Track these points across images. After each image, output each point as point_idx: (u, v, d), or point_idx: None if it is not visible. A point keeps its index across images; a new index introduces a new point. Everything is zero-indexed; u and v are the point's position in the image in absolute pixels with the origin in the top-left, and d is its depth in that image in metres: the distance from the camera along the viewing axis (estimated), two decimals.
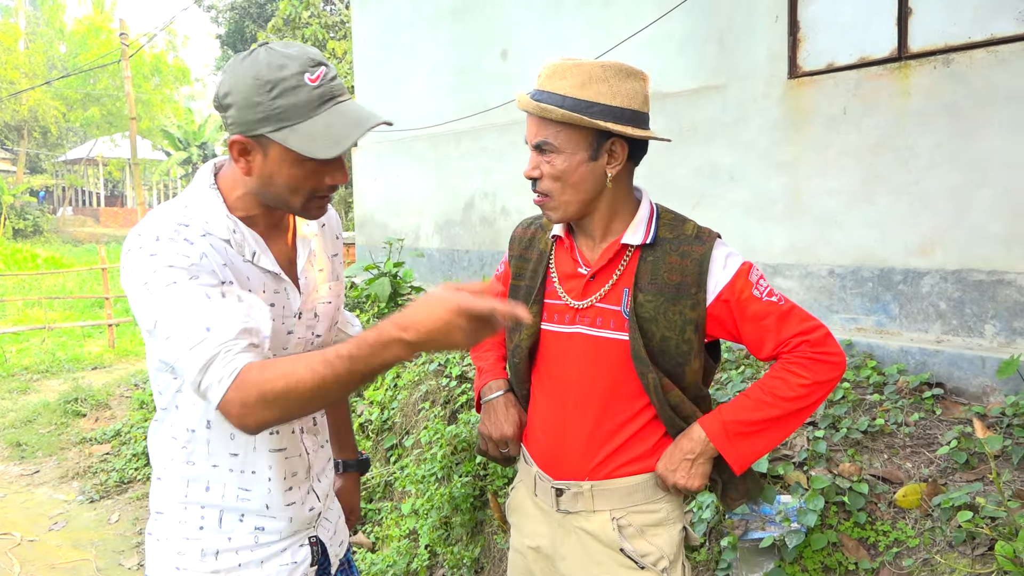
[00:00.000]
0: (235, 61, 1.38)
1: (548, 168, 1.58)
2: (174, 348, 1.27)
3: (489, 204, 6.19)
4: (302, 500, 1.59)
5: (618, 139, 1.58)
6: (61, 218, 36.51)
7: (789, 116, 3.92)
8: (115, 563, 4.51)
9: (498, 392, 1.85)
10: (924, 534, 2.41)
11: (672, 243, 1.64)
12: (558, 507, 1.72)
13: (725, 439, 1.60)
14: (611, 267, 1.66)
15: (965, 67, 3.26)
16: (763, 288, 1.62)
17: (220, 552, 1.52)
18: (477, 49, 6.23)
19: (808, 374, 1.57)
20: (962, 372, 3.11)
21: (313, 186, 1.40)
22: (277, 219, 1.53)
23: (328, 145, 1.33)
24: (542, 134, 1.57)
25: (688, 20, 4.41)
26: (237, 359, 1.24)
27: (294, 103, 1.32)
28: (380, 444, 4.49)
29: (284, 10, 14.61)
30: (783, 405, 1.58)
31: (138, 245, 1.34)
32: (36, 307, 13.71)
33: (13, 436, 6.86)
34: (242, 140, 1.35)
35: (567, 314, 1.69)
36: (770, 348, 1.61)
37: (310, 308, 1.58)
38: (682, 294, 1.61)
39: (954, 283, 3.34)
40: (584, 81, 1.54)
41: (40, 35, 44.09)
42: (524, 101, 1.59)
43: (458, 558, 3.40)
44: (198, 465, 1.50)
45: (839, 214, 3.72)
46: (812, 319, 1.63)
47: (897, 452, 2.75)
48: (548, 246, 1.77)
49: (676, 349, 1.62)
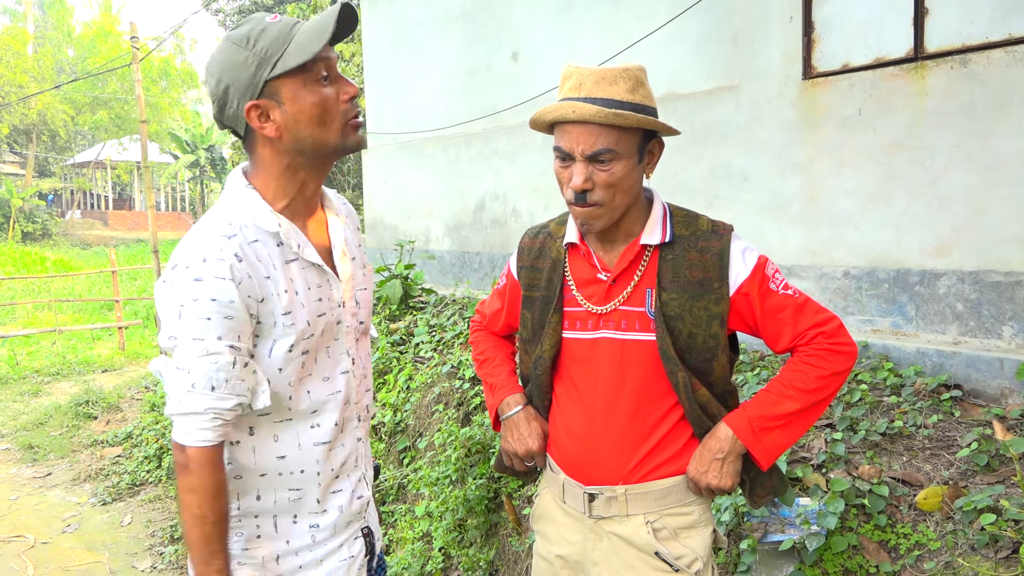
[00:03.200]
0: (208, 63, 1.48)
1: (605, 177, 1.55)
2: (180, 379, 1.37)
3: (500, 206, 6.19)
4: (352, 488, 1.61)
5: (656, 139, 1.62)
6: (70, 221, 36.62)
7: (804, 117, 3.90)
8: (128, 566, 4.51)
9: (517, 407, 1.84)
10: (946, 537, 2.39)
11: (689, 240, 1.65)
12: (591, 512, 1.71)
13: (752, 435, 1.61)
14: (631, 269, 1.67)
15: (982, 67, 3.24)
16: (779, 281, 1.65)
17: (280, 557, 1.54)
18: (487, 50, 6.23)
19: (826, 365, 1.59)
20: (980, 374, 3.09)
21: (335, 107, 1.46)
22: (312, 207, 1.56)
23: (314, 39, 1.40)
24: (603, 142, 1.53)
25: (701, 21, 4.40)
26: (215, 431, 1.38)
27: (272, 39, 1.40)
28: (393, 446, 4.48)
29: (292, 14, 14.66)
30: (805, 397, 1.60)
31: (185, 263, 1.38)
32: (46, 310, 13.78)
33: (25, 439, 6.89)
34: (255, 103, 1.41)
35: (589, 320, 1.69)
36: (787, 340, 1.64)
37: (351, 296, 1.61)
38: (705, 289, 1.62)
39: (971, 284, 3.31)
40: (634, 85, 1.56)
41: (48, 39, 44.31)
42: (586, 109, 1.52)
43: (472, 561, 3.39)
44: (246, 478, 1.51)
45: (854, 215, 3.70)
46: (826, 311, 1.65)
47: (916, 454, 2.73)
48: (561, 254, 1.76)
49: (703, 345, 1.63)
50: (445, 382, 4.29)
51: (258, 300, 1.41)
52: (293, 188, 1.50)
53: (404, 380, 4.68)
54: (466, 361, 4.29)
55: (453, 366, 4.34)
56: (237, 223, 1.43)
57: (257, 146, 1.47)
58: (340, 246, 1.60)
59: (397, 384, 4.71)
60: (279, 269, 1.45)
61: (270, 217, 1.45)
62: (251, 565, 1.51)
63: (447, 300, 5.58)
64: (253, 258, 1.41)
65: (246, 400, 1.41)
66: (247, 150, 1.50)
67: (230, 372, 1.37)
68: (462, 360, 4.33)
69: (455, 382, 4.20)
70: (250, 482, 1.51)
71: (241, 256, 1.39)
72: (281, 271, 1.45)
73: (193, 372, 1.36)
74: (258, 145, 1.47)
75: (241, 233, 1.41)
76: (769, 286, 1.63)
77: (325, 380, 1.55)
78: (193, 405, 1.36)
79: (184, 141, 35.62)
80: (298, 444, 1.52)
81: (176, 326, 1.38)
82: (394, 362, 4.99)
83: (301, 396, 1.51)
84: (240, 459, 1.50)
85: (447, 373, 4.34)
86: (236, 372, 1.38)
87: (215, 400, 1.36)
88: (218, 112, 1.46)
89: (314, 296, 1.50)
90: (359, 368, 1.64)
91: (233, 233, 1.41)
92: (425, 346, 4.88)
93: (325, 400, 1.54)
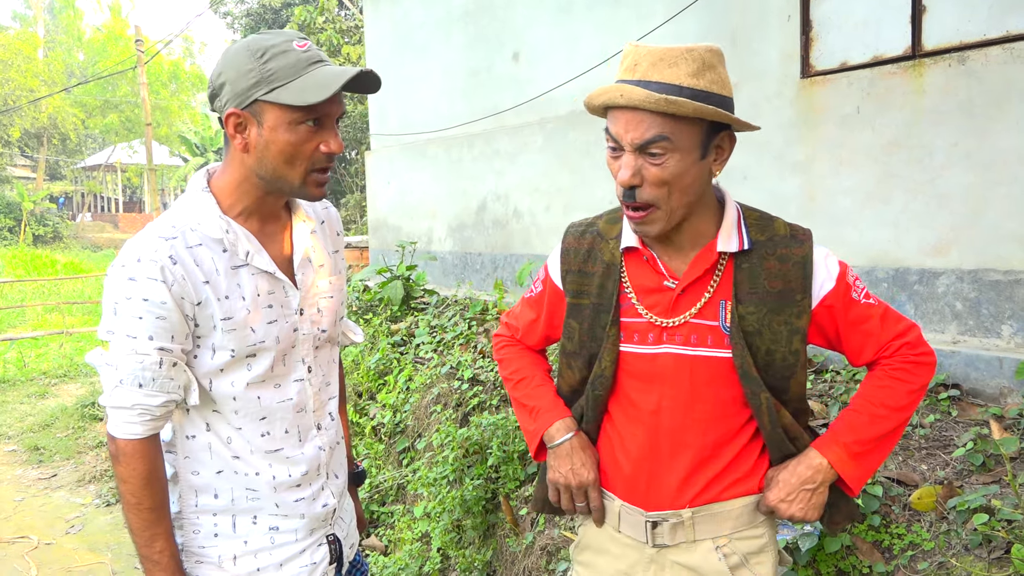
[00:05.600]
0: (224, 51, 1.47)
1: (656, 172, 1.37)
2: (110, 374, 1.42)
3: (502, 207, 6.19)
4: (313, 496, 1.59)
5: (727, 133, 1.45)
6: (80, 224, 36.87)
7: (802, 116, 3.89)
8: (131, 567, 4.53)
9: (568, 434, 1.64)
10: (940, 537, 2.38)
11: (767, 246, 1.49)
12: (653, 542, 1.57)
13: (849, 462, 1.48)
14: (705, 278, 1.50)
15: (980, 65, 3.22)
16: (860, 289, 1.52)
17: (238, 557, 1.53)
18: (489, 51, 6.23)
19: (914, 379, 1.49)
20: (979, 373, 3.06)
21: (308, 154, 1.43)
22: (273, 214, 1.55)
23: (317, 90, 1.38)
24: (655, 130, 1.35)
25: (700, 20, 4.39)
26: (144, 425, 1.42)
27: (284, 64, 1.39)
28: (393, 447, 4.49)
29: (299, 16, 14.71)
30: (897, 415, 1.49)
31: (122, 263, 1.40)
32: (55, 312, 13.85)
33: (31, 440, 6.93)
34: (236, 112, 1.41)
35: (650, 333, 1.52)
36: (871, 353, 1.52)
37: (312, 304, 1.60)
38: (786, 302, 1.47)
39: (970, 283, 3.29)
40: (699, 68, 1.36)
41: (59, 43, 44.62)
42: (636, 94, 1.34)
43: (470, 561, 3.39)
44: (203, 474, 1.52)
45: (853, 214, 3.69)
46: (905, 318, 1.54)
47: (912, 454, 2.72)
48: (616, 257, 1.57)
49: (782, 362, 1.49)
50: (444, 383, 4.30)
51: (194, 303, 1.42)
52: (250, 199, 1.50)
53: (404, 381, 4.68)
54: (465, 362, 4.29)
55: (452, 367, 4.34)
56: (181, 226, 1.44)
57: (231, 147, 1.48)
58: (302, 254, 1.58)
59: (397, 385, 4.72)
60: (222, 274, 1.45)
61: (216, 222, 1.45)
62: (208, 564, 1.52)
63: (448, 301, 5.58)
64: (190, 262, 1.41)
65: (178, 397, 1.43)
66: (224, 145, 1.51)
67: (157, 372, 1.39)
68: (461, 361, 4.33)
69: (454, 383, 4.20)
70: (207, 479, 1.52)
71: (176, 259, 1.40)
72: (224, 276, 1.45)
73: (121, 368, 1.40)
74: (231, 147, 1.47)
75: (182, 236, 1.42)
76: (852, 295, 1.49)
77: (276, 387, 1.54)
78: (121, 400, 1.41)
79: (193, 144, 35.80)
80: (250, 449, 1.52)
81: (112, 321, 1.40)
82: (394, 363, 4.99)
83: (250, 400, 1.50)
84: (196, 454, 1.51)
85: (446, 374, 4.35)
86: (163, 372, 1.40)
87: (143, 397, 1.39)
88: (210, 99, 1.47)
89: (263, 303, 1.50)
90: (317, 377, 1.62)
91: (173, 236, 1.42)
92: (425, 347, 4.88)
93: (274, 408, 1.53)
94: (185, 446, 1.51)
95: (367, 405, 5.00)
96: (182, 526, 1.53)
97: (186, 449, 1.51)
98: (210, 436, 1.50)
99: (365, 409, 4.99)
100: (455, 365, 4.34)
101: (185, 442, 1.51)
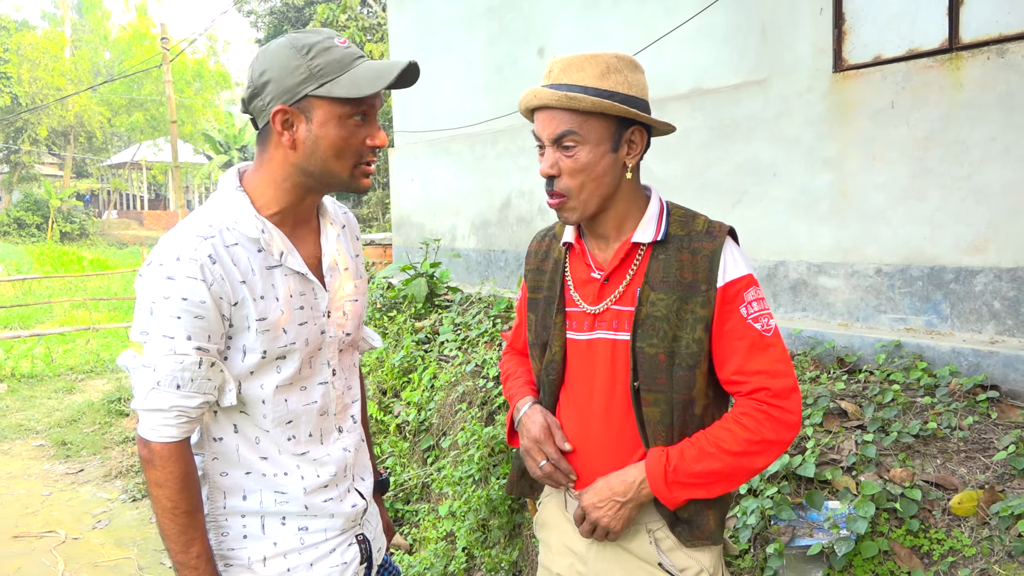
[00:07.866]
0: (262, 50, 1.45)
1: (570, 163, 1.54)
2: (146, 376, 1.38)
3: (526, 203, 6.15)
4: (341, 498, 1.59)
5: (637, 128, 1.57)
6: (106, 221, 37.32)
7: (834, 110, 3.81)
8: (156, 562, 4.55)
9: (528, 403, 1.76)
10: (981, 543, 2.31)
11: (684, 240, 1.59)
12: None
13: (665, 487, 1.53)
14: (624, 267, 1.62)
15: (1021, 57, 3.13)
16: (753, 309, 1.55)
17: (268, 559, 1.52)
18: (513, 47, 6.19)
19: (758, 429, 1.49)
20: (1018, 374, 2.99)
21: (357, 147, 1.44)
22: (305, 216, 1.54)
23: (371, 82, 1.39)
24: (565, 125, 1.53)
25: (729, 14, 4.32)
26: (179, 428, 1.39)
27: (331, 60, 1.40)
28: (417, 445, 4.47)
29: (322, 14, 14.74)
30: (727, 459, 1.50)
31: (159, 261, 1.38)
32: (82, 308, 14.00)
33: (59, 435, 6.99)
34: (284, 109, 1.40)
35: (586, 320, 1.64)
36: (729, 371, 1.54)
37: (338, 307, 1.59)
38: (693, 291, 1.55)
39: (1009, 281, 3.21)
40: (603, 72, 1.53)
41: (85, 42, 45.11)
42: (544, 94, 1.53)
43: (495, 561, 3.36)
44: (231, 475, 1.50)
45: (887, 211, 3.61)
46: (786, 365, 1.54)
47: (951, 457, 2.65)
48: (562, 254, 1.73)
49: (687, 349, 1.55)
50: (469, 381, 4.27)
51: (231, 303, 1.40)
52: (288, 199, 1.48)
53: (428, 379, 4.66)
54: (490, 360, 4.26)
55: (477, 365, 4.31)
56: (218, 225, 1.42)
57: (270, 146, 1.46)
58: (331, 256, 1.58)
59: (421, 383, 4.70)
60: (258, 274, 1.43)
61: (253, 222, 1.44)
62: (238, 566, 1.50)
63: (472, 298, 5.55)
64: (228, 261, 1.40)
65: (212, 398, 1.41)
66: (259, 144, 1.49)
67: (196, 372, 1.37)
68: (486, 359, 4.29)
69: (479, 381, 4.17)
70: (236, 480, 1.50)
71: (215, 258, 1.38)
72: (260, 276, 1.44)
73: (159, 370, 1.37)
74: (271, 146, 1.46)
75: (220, 235, 1.40)
76: (738, 307, 1.54)
77: (303, 390, 1.53)
78: (158, 402, 1.37)
79: (217, 142, 36.08)
80: (278, 450, 1.51)
81: (148, 322, 1.38)
82: (419, 360, 4.97)
83: (278, 403, 1.49)
84: (225, 456, 1.49)
85: (471, 372, 4.32)
86: (202, 372, 1.38)
87: (180, 398, 1.37)
88: (248, 99, 1.46)
89: (296, 304, 1.49)
90: (340, 380, 1.62)
91: (211, 235, 1.40)
92: (450, 344, 4.86)
93: (300, 411, 1.52)
94: (213, 447, 1.50)
95: (391, 403, 4.98)
96: (210, 528, 1.51)
97: (214, 450, 1.50)
98: (238, 438, 1.49)
99: (389, 407, 4.97)
100: (480, 363, 4.31)
101: (213, 444, 1.50)
